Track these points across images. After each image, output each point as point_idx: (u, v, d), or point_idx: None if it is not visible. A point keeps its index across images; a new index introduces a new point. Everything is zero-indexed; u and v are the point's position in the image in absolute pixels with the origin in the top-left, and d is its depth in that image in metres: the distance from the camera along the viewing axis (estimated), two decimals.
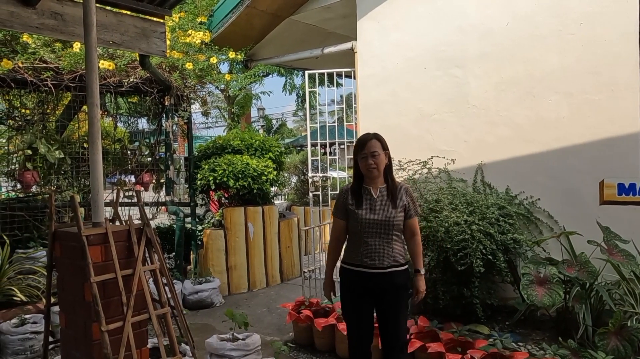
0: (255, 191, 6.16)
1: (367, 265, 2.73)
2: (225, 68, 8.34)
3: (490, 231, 3.86)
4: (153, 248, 2.82)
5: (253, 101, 16.84)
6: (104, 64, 4.73)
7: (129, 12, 3.67)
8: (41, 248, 4.99)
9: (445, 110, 4.87)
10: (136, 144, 6.28)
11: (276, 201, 9.40)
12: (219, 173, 5.88)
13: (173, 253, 6.22)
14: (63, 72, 4.82)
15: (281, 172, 7.02)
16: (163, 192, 6.09)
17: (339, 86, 11.03)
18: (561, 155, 4.23)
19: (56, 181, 5.36)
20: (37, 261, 4.84)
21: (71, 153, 5.32)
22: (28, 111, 5.58)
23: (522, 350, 3.44)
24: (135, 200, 5.06)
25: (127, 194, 5.70)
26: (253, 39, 6.48)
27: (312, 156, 6.42)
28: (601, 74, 4.04)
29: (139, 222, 2.79)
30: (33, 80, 4.72)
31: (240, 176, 5.93)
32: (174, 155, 6.14)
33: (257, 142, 6.50)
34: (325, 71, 5.74)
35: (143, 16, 3.72)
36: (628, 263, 3.55)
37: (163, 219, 7.32)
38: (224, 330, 4.08)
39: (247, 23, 6.06)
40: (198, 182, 6.03)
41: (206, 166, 6.04)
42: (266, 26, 6.33)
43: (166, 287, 3.21)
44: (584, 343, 3.40)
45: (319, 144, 6.14)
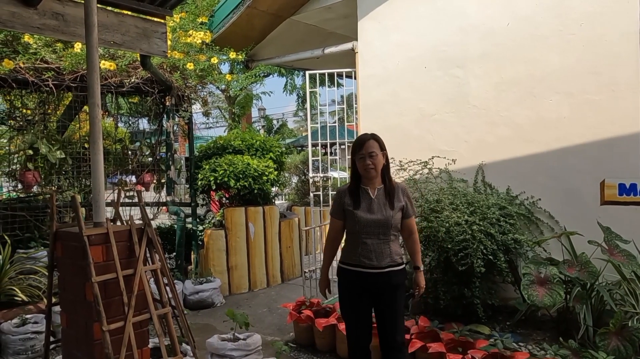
0: (256, 191, 6.17)
1: (365, 265, 2.74)
2: (226, 68, 8.36)
3: (491, 231, 3.86)
4: (154, 248, 2.82)
5: (254, 101, 16.89)
6: (105, 64, 4.73)
7: (130, 13, 3.67)
8: (42, 248, 4.99)
9: (446, 110, 4.87)
10: (137, 144, 6.28)
11: (277, 201, 9.42)
12: (220, 173, 5.89)
13: (174, 253, 6.22)
14: (64, 73, 4.83)
15: (282, 172, 7.03)
16: (164, 192, 6.10)
17: (340, 86, 11.05)
18: (562, 155, 4.23)
19: (57, 181, 5.36)
20: (38, 261, 4.85)
21: (72, 153, 5.33)
22: (29, 111, 5.59)
23: (523, 350, 3.44)
24: (136, 200, 5.07)
25: (128, 194, 5.71)
26: (254, 39, 6.49)
27: (313, 156, 6.43)
28: (602, 74, 4.04)
29: (140, 222, 2.79)
30: (34, 80, 4.73)
31: (241, 176, 5.94)
32: (175, 155, 6.15)
33: (258, 142, 6.50)
34: (326, 71, 5.74)
35: (144, 16, 3.72)
36: (629, 263, 3.55)
37: (164, 219, 7.34)
38: (225, 330, 4.09)
39: (248, 23, 6.06)
40: (199, 182, 6.03)
41: (207, 166, 6.05)
42: (267, 26, 6.34)
43: (167, 287, 3.22)
44: (585, 343, 3.40)
45: (320, 144, 6.14)
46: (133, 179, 6.02)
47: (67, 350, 2.72)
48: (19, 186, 5.27)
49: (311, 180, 6.57)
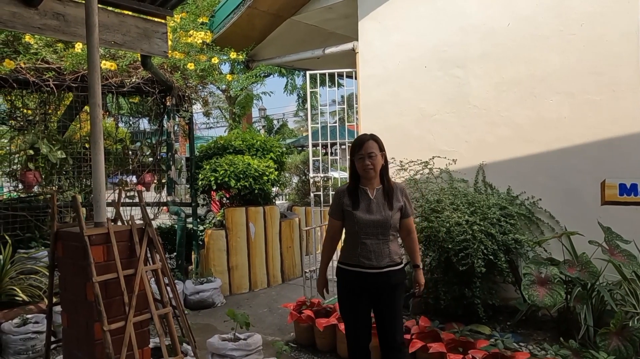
0: (256, 191, 6.17)
1: (365, 265, 2.75)
2: (226, 68, 8.37)
3: (491, 231, 3.86)
4: (155, 248, 2.83)
5: (254, 101, 16.89)
6: (106, 64, 4.74)
7: (131, 13, 3.67)
8: (43, 248, 4.99)
9: (446, 110, 4.87)
10: (138, 144, 6.28)
11: (277, 201, 9.42)
12: (221, 173, 5.89)
13: (174, 253, 6.23)
14: (65, 73, 4.83)
15: (282, 172, 7.03)
16: (164, 192, 6.10)
17: (340, 86, 11.05)
18: (562, 156, 4.23)
19: (58, 181, 5.36)
20: (39, 261, 4.85)
21: (73, 153, 5.33)
22: (30, 111, 5.59)
23: (524, 350, 3.44)
24: (136, 200, 5.07)
25: (129, 194, 5.72)
26: (254, 40, 6.49)
27: (313, 156, 6.43)
28: (602, 74, 4.04)
29: (141, 222, 2.79)
30: (35, 80, 4.73)
31: (241, 176, 5.94)
32: (176, 156, 6.15)
33: (259, 142, 6.51)
34: (326, 71, 5.74)
35: (145, 17, 3.72)
36: (629, 264, 3.55)
37: (164, 219, 7.34)
38: (226, 330, 4.09)
39: (249, 23, 6.07)
40: (199, 182, 6.04)
41: (207, 166, 6.05)
42: (267, 26, 6.34)
43: (168, 287, 3.22)
44: (586, 344, 3.40)
45: (320, 144, 6.14)
46: (134, 179, 6.03)
47: (68, 350, 2.72)
48: (20, 186, 5.27)
49: (311, 180, 6.57)
